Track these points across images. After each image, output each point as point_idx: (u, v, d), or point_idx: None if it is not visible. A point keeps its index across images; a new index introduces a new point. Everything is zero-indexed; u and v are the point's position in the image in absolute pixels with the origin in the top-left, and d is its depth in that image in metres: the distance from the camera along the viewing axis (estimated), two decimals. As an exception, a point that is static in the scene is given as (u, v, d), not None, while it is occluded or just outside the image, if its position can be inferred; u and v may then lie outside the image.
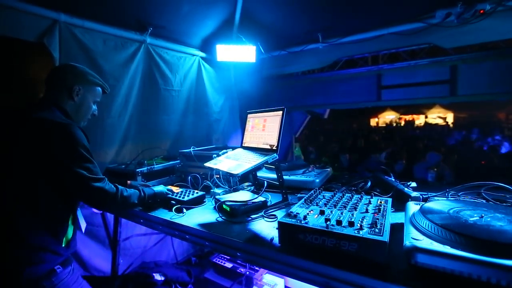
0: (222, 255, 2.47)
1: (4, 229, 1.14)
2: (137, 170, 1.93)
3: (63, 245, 1.24)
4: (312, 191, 1.40)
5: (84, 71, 1.42)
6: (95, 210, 2.11)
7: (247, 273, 2.27)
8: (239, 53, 2.82)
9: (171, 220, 1.42)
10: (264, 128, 1.70)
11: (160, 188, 1.66)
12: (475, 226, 0.88)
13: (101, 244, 2.32)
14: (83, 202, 1.35)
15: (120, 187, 1.35)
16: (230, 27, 2.85)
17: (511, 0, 1.96)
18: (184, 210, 1.51)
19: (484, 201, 1.39)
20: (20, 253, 1.13)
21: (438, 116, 15.92)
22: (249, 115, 1.90)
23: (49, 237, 1.19)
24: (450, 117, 15.58)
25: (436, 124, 14.29)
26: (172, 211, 1.49)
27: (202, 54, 3.02)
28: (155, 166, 2.07)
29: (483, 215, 0.95)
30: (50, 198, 1.20)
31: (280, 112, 1.60)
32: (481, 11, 1.99)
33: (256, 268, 2.31)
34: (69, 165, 1.18)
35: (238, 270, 2.31)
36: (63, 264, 1.24)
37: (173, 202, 1.58)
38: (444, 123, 14.57)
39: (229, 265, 2.39)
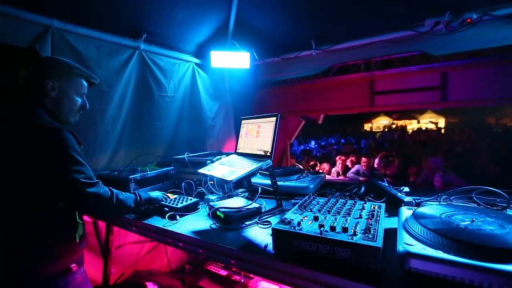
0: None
1: (19, 231, 1.14)
2: (130, 176, 1.90)
3: (77, 241, 1.27)
4: (306, 197, 1.40)
5: (57, 63, 1.32)
6: (87, 219, 2.06)
7: (242, 280, 2.24)
8: (234, 59, 2.85)
9: (164, 227, 1.40)
10: (258, 134, 1.70)
11: (156, 193, 1.64)
12: (466, 231, 0.89)
13: (92, 252, 2.26)
14: (77, 209, 1.30)
15: (115, 190, 1.33)
16: (224, 34, 2.88)
17: (496, 10, 2.03)
18: (178, 217, 1.49)
19: (475, 205, 1.41)
20: (36, 252, 1.14)
21: (430, 121, 16.20)
22: (243, 121, 1.90)
23: (63, 235, 1.23)
24: (442, 122, 15.88)
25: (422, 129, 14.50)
26: (165, 218, 1.47)
27: (197, 60, 3.03)
28: (149, 172, 2.04)
29: (474, 219, 0.96)
30: (52, 200, 1.19)
31: (274, 118, 1.60)
32: (468, 20, 2.06)
33: (251, 276, 2.28)
34: (62, 170, 1.15)
35: (233, 278, 2.28)
36: (78, 263, 1.27)
37: (167, 209, 1.57)
38: (435, 128, 14.81)
39: (223, 272, 2.36)
